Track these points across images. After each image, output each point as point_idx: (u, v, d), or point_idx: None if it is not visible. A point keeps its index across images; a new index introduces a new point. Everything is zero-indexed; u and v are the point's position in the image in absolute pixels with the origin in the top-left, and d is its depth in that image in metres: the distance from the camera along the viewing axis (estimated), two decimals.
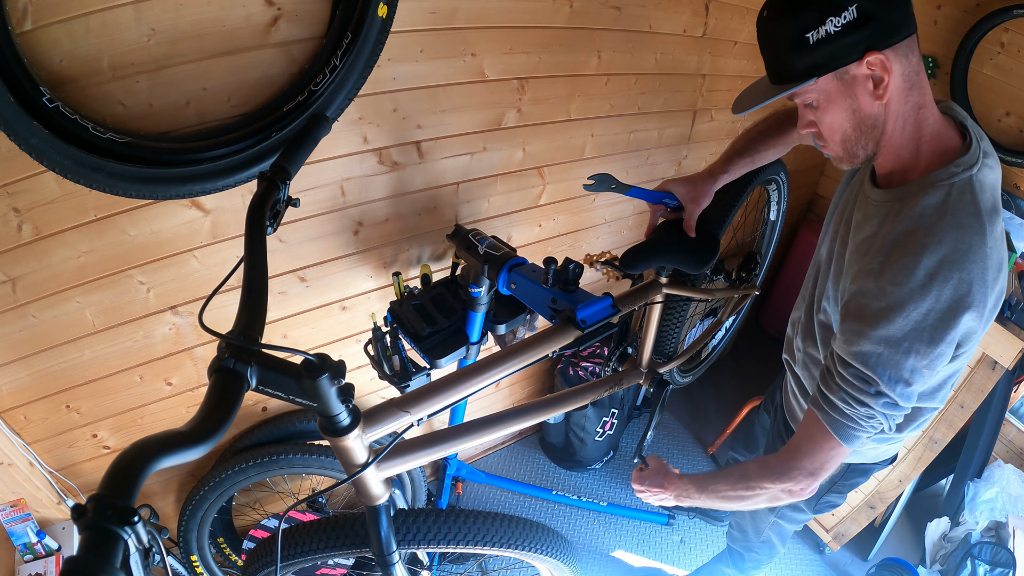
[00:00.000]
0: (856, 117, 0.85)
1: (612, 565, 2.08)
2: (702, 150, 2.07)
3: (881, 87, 0.81)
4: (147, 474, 0.48)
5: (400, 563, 1.02)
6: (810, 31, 0.78)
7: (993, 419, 2.03)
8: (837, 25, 0.77)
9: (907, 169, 0.89)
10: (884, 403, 0.86)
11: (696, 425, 2.60)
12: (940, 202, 0.83)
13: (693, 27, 1.69)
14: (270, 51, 1.07)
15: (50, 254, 1.07)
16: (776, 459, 1.00)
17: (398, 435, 0.89)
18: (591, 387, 1.30)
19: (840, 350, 0.88)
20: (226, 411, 0.58)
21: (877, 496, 1.94)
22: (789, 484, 0.97)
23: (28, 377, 1.18)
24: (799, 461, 0.96)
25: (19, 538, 1.25)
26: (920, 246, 0.81)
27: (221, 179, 1.04)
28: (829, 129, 0.89)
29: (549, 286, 1.15)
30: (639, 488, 1.25)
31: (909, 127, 0.86)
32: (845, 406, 0.88)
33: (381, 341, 1.28)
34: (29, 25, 0.86)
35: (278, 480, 1.71)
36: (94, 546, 0.41)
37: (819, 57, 0.80)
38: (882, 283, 0.83)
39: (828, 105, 0.86)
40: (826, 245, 1.12)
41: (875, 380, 0.84)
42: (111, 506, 0.43)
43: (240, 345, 0.63)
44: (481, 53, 1.32)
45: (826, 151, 0.94)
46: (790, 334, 1.30)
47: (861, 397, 0.86)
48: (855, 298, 0.86)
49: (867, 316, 0.83)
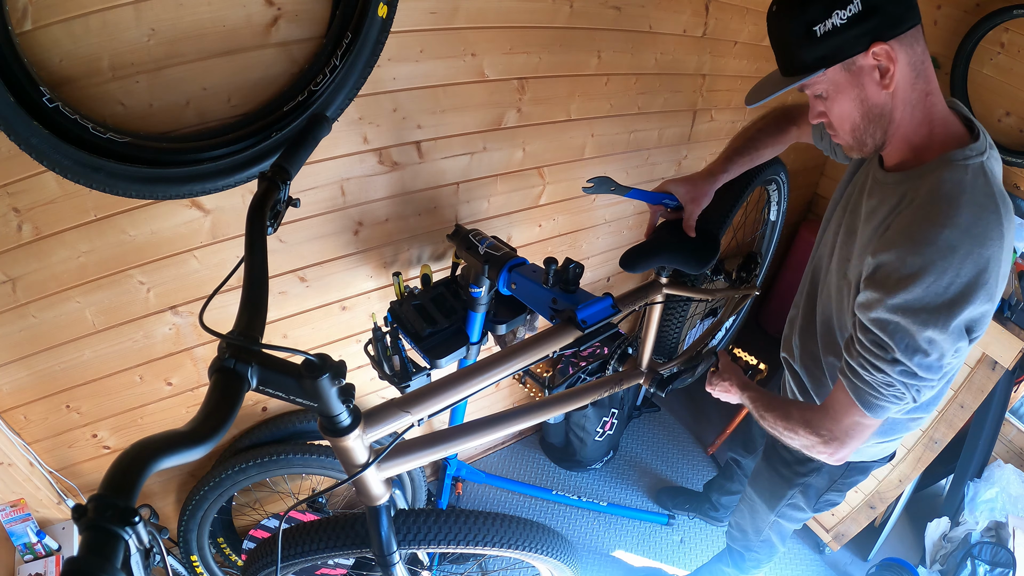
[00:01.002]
0: (864, 106, 0.87)
1: (612, 565, 2.08)
2: (702, 150, 2.07)
3: (887, 76, 0.83)
4: (148, 474, 0.48)
5: (400, 563, 1.02)
6: (817, 24, 0.81)
7: (993, 419, 2.03)
8: (843, 18, 0.79)
9: (920, 152, 0.91)
10: (900, 371, 0.87)
11: (696, 425, 2.60)
12: (959, 179, 0.84)
13: (693, 27, 1.69)
14: (270, 51, 1.07)
15: (50, 254, 1.07)
16: (813, 413, 1.02)
17: (399, 435, 0.89)
18: (591, 388, 1.30)
19: (861, 315, 0.90)
20: (227, 411, 0.58)
21: (877, 496, 1.94)
22: (815, 440, 1.00)
23: (28, 377, 1.18)
24: (826, 423, 0.98)
25: (19, 538, 1.25)
26: (944, 217, 0.82)
27: (221, 179, 1.04)
28: (839, 119, 0.91)
29: (549, 286, 1.15)
30: (709, 386, 1.28)
31: (918, 113, 0.88)
32: (864, 372, 0.90)
33: (381, 341, 1.28)
34: (29, 25, 0.86)
35: (278, 480, 1.71)
36: (95, 546, 0.41)
37: (826, 49, 0.83)
38: (902, 252, 0.84)
39: (837, 95, 0.88)
40: (827, 242, 1.12)
41: (891, 347, 0.86)
42: (112, 506, 0.43)
43: (240, 345, 0.63)
44: (481, 53, 1.32)
45: (836, 140, 0.96)
46: (787, 332, 1.31)
47: (878, 363, 0.88)
48: (878, 269, 0.88)
49: (888, 284, 0.85)
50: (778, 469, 1.37)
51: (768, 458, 1.41)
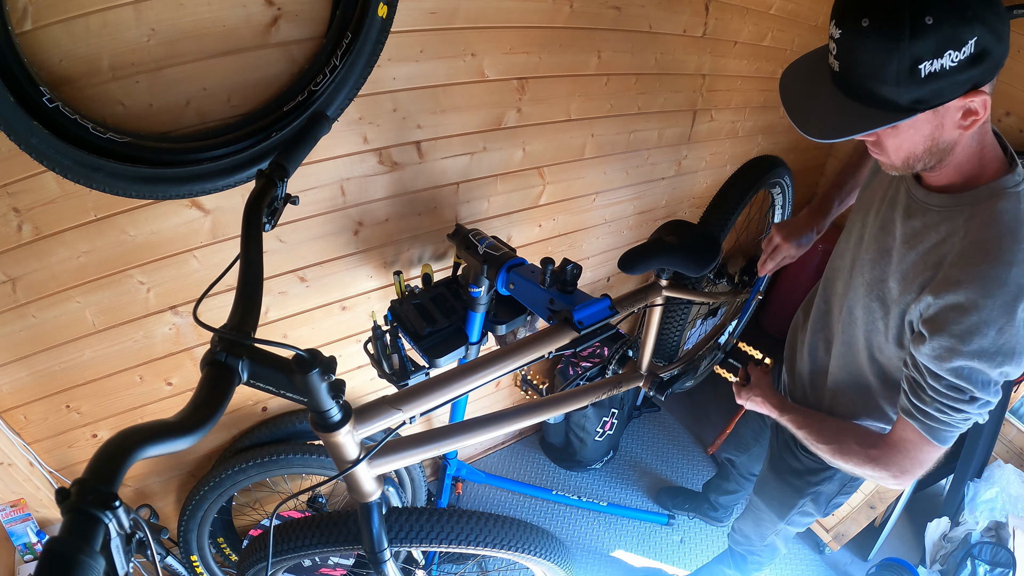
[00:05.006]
0: (932, 141, 0.81)
1: (612, 565, 2.08)
2: (702, 150, 2.07)
3: (970, 119, 0.77)
4: (132, 462, 0.49)
5: (391, 561, 1.02)
6: (924, 62, 0.69)
7: (993, 419, 2.03)
8: (955, 60, 0.69)
9: (969, 178, 0.86)
10: (979, 405, 0.87)
11: (696, 425, 2.60)
12: (1016, 210, 0.82)
13: (693, 27, 1.69)
14: (270, 51, 1.07)
15: (50, 254, 1.07)
16: (879, 450, 1.00)
17: (390, 432, 0.89)
18: (590, 389, 1.30)
19: (931, 364, 0.87)
20: (216, 404, 0.58)
21: (877, 496, 1.94)
22: (884, 475, 0.99)
23: (28, 377, 1.18)
24: (899, 460, 0.97)
25: (19, 538, 1.25)
26: (1009, 254, 0.80)
27: (221, 179, 1.04)
28: (896, 148, 0.83)
29: (547, 287, 1.15)
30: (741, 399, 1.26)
31: (974, 143, 0.83)
32: (941, 415, 0.89)
33: (381, 339, 1.28)
34: (29, 25, 0.86)
35: (278, 480, 1.70)
36: (75, 528, 0.43)
37: (927, 92, 0.72)
38: (973, 296, 0.81)
39: (908, 130, 0.79)
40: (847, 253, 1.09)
41: (969, 389, 0.85)
42: (94, 491, 0.45)
43: (232, 339, 0.64)
44: (481, 53, 1.32)
45: (881, 159, 0.89)
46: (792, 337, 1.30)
47: (956, 405, 0.87)
48: (945, 312, 0.84)
49: (960, 332, 0.82)
50: (787, 479, 1.34)
51: (775, 468, 1.38)
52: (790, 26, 1.98)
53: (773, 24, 1.92)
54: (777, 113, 2.26)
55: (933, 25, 0.67)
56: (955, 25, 0.67)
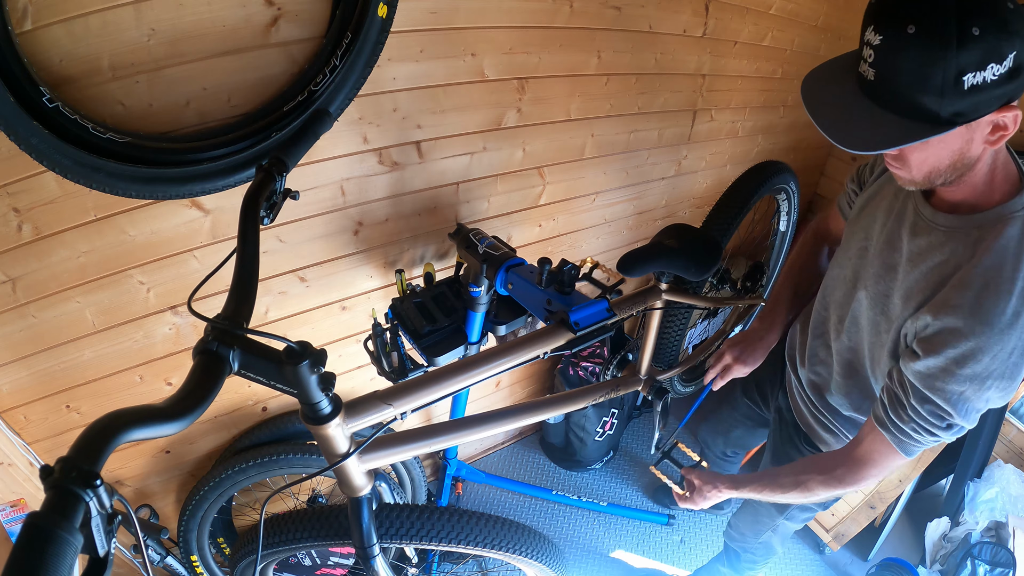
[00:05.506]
0: (959, 156, 0.79)
1: (612, 565, 2.08)
2: (702, 150, 2.07)
3: (998, 134, 0.76)
4: (116, 443, 0.49)
5: (381, 556, 1.02)
6: (968, 74, 0.68)
7: (993, 419, 2.04)
8: (995, 73, 0.68)
9: (980, 196, 0.86)
10: (953, 432, 0.88)
11: (696, 425, 2.60)
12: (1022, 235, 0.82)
13: (693, 27, 1.69)
14: (270, 51, 1.07)
15: (50, 254, 1.07)
16: (842, 471, 1.02)
17: (381, 427, 0.89)
18: (588, 391, 1.29)
19: (919, 383, 0.87)
20: (205, 392, 0.59)
21: (877, 496, 1.94)
22: (851, 488, 1.02)
23: (28, 377, 1.18)
24: (866, 471, 0.99)
25: None
26: (1010, 283, 0.80)
27: (221, 179, 1.04)
28: (921, 161, 0.81)
29: (544, 287, 1.15)
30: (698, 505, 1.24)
31: (990, 159, 0.82)
32: (916, 434, 0.91)
33: (381, 337, 1.29)
34: (29, 25, 0.86)
35: (278, 480, 1.70)
36: (56, 505, 0.43)
37: (967, 105, 0.71)
38: (971, 323, 0.81)
39: (939, 144, 0.77)
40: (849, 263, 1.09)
41: (951, 415, 0.86)
42: (76, 468, 0.45)
43: (224, 328, 0.64)
44: (481, 53, 1.32)
45: (899, 173, 0.87)
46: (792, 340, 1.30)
47: (933, 430, 0.89)
48: (942, 335, 0.84)
49: (956, 356, 0.83)
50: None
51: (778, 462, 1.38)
52: (790, 26, 1.98)
53: (773, 24, 1.92)
54: (777, 113, 2.26)
55: (979, 36, 0.66)
56: (998, 37, 0.66)
